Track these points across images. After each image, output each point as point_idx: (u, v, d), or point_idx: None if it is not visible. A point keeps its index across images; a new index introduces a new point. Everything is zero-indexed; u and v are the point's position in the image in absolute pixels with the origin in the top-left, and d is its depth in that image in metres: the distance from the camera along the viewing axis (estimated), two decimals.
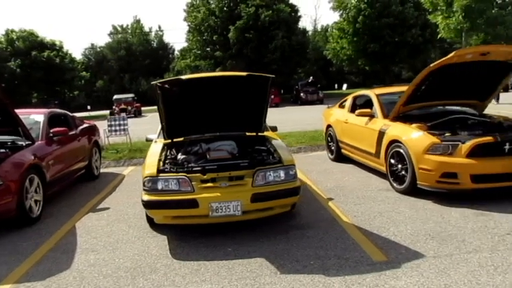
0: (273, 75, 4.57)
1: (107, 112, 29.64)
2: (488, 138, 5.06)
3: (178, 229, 4.65)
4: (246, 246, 4.15)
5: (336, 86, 42.20)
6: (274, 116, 20.33)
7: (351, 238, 4.22)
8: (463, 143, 5.08)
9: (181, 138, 5.26)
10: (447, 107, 6.68)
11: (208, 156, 4.61)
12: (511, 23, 17.56)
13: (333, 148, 8.33)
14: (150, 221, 4.77)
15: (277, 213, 4.54)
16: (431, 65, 5.50)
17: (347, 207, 5.23)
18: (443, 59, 5.39)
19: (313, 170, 7.55)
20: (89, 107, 34.80)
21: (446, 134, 5.34)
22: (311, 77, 31.92)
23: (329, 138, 8.57)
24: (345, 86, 21.28)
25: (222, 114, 5.20)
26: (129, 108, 28.65)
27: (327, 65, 51.51)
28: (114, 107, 29.91)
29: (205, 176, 4.26)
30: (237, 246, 4.16)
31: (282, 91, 38.85)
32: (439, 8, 16.53)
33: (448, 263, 3.55)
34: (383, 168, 6.19)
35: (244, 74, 4.50)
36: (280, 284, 3.37)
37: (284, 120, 17.43)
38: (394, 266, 3.54)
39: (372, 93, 7.20)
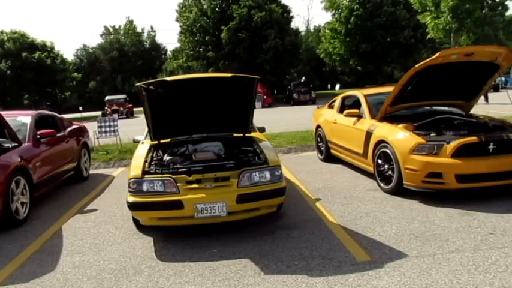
0: (258, 77, 4.58)
1: (99, 113, 29.48)
2: (472, 138, 5.10)
3: (165, 230, 4.65)
4: (231, 247, 4.16)
5: (329, 86, 42.36)
6: (267, 116, 20.38)
7: (336, 238, 4.24)
8: (448, 143, 5.12)
9: (168, 140, 5.26)
10: (434, 107, 6.73)
11: (194, 158, 4.62)
12: (499, 24, 17.76)
13: (322, 148, 8.37)
14: (136, 222, 4.76)
15: (264, 214, 4.55)
16: (417, 65, 5.54)
17: (334, 208, 5.25)
18: (428, 59, 5.44)
19: (303, 171, 7.58)
20: (80, 108, 34.61)
21: (432, 134, 5.38)
22: (303, 77, 31.95)
23: (318, 139, 8.59)
24: (337, 86, 21.39)
25: (209, 115, 5.20)
26: (121, 109, 28.52)
27: (320, 65, 51.68)
28: (106, 108, 29.78)
29: (190, 177, 4.26)
30: (222, 247, 4.16)
31: (275, 91, 38.92)
32: (428, 8, 16.66)
33: (431, 262, 3.58)
34: (370, 169, 6.23)
35: (229, 75, 4.51)
36: (263, 284, 3.38)
37: (276, 120, 17.47)
38: (377, 266, 3.57)
39: (359, 93, 7.24)
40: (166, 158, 4.77)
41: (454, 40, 16.50)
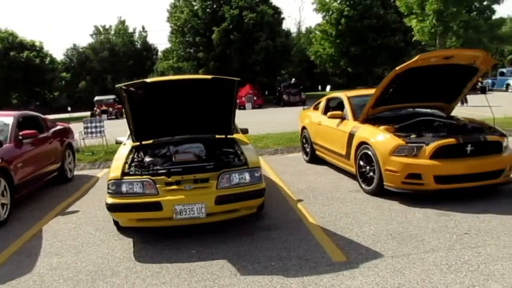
0: (239, 79, 4.61)
1: (89, 113, 29.29)
2: (450, 140, 5.18)
3: (145, 232, 4.65)
4: (210, 248, 4.18)
5: (320, 87, 42.50)
6: (256, 117, 20.43)
7: (315, 239, 4.28)
8: (427, 144, 5.19)
9: (150, 141, 5.27)
10: (417, 109, 6.81)
11: (174, 159, 4.63)
12: (482, 27, 18.01)
13: (307, 150, 8.41)
14: (117, 224, 4.76)
15: (244, 215, 4.57)
16: (397, 68, 5.61)
17: (315, 209, 5.29)
18: (408, 62, 5.51)
19: (287, 172, 7.62)
20: (69, 109, 34.32)
21: (412, 136, 5.44)
22: (293, 79, 32.06)
23: (304, 140, 8.64)
24: (328, 88, 21.49)
25: (191, 117, 5.21)
26: (111, 109, 28.35)
27: (311, 67, 51.82)
28: (95, 108, 29.59)
29: (170, 179, 4.28)
30: (201, 248, 4.18)
31: (267, 92, 38.97)
32: (413, 11, 16.84)
33: (405, 262, 3.63)
34: (353, 170, 6.28)
35: (209, 77, 4.53)
36: (239, 285, 3.40)
37: (265, 121, 17.51)
38: (353, 266, 3.61)
39: (343, 95, 7.29)
40: (147, 159, 4.78)
41: (439, 43, 16.69)
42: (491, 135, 5.42)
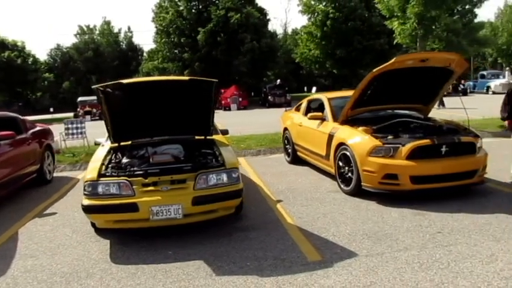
0: (216, 80, 4.63)
1: (72, 114, 28.93)
2: (426, 141, 5.28)
3: (122, 233, 4.63)
4: (187, 249, 4.18)
5: (306, 89, 42.71)
6: (241, 118, 20.47)
7: (291, 239, 4.32)
8: (403, 145, 5.28)
9: (129, 142, 5.25)
10: (395, 111, 6.90)
11: (151, 160, 4.63)
12: (461, 30, 18.35)
13: (289, 151, 8.47)
14: (94, 225, 4.73)
15: (222, 216, 4.59)
16: (374, 70, 5.70)
17: (294, 209, 5.34)
18: (385, 64, 5.59)
19: (268, 173, 7.66)
20: (51, 109, 33.79)
21: (389, 137, 5.53)
22: (278, 80, 32.16)
23: (286, 141, 8.70)
24: (314, 89, 21.58)
25: (169, 118, 5.21)
26: (94, 110, 28.02)
27: (298, 68, 52.02)
28: (78, 109, 29.23)
29: (146, 180, 4.27)
30: (178, 249, 4.18)
31: (253, 93, 38.99)
32: (395, 14, 17.08)
33: (378, 261, 3.69)
34: (332, 170, 6.35)
35: (186, 78, 4.55)
36: (214, 285, 3.42)
37: (249, 122, 17.55)
38: (327, 266, 3.66)
39: (323, 97, 7.37)
40: (124, 160, 4.77)
41: (420, 46, 16.94)
42: (466, 137, 5.55)
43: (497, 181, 6.11)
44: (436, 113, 10.21)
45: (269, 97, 28.79)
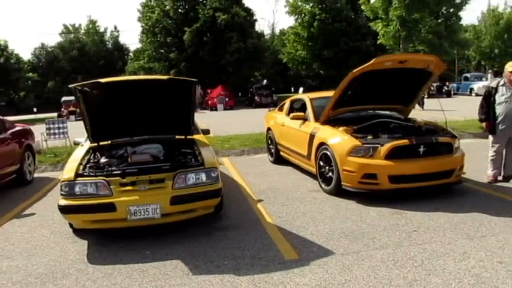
0: (196, 79, 4.63)
1: (56, 114, 28.55)
2: (404, 141, 5.35)
3: (100, 234, 4.60)
4: (165, 248, 4.18)
5: (293, 89, 42.85)
6: (227, 118, 20.46)
7: (269, 238, 4.34)
8: (382, 145, 5.35)
9: (108, 142, 5.21)
10: (377, 112, 6.98)
11: (129, 160, 4.61)
12: (443, 32, 18.68)
13: (272, 151, 8.50)
14: (72, 226, 4.69)
15: (201, 215, 4.59)
16: (354, 70, 5.76)
17: (274, 208, 5.37)
18: (365, 65, 5.66)
19: (251, 172, 7.67)
20: (35, 109, 33.27)
21: (369, 137, 5.59)
22: (265, 80, 32.21)
23: (269, 141, 8.73)
24: (301, 90, 21.50)
25: (150, 118, 5.19)
26: (79, 110, 27.66)
27: (285, 69, 52.14)
28: (62, 109, 28.85)
29: (124, 180, 4.26)
30: (156, 249, 4.18)
31: (240, 94, 38.96)
32: (379, 16, 17.28)
33: (354, 259, 3.74)
34: (314, 170, 6.40)
35: (165, 77, 4.54)
36: (190, 284, 3.43)
37: (235, 122, 17.57)
38: (303, 264, 3.69)
39: (306, 97, 7.42)
40: (103, 160, 4.74)
41: (403, 47, 17.19)
42: (443, 137, 5.64)
43: (475, 181, 6.22)
44: (419, 114, 10.38)
45: (256, 97, 28.82)
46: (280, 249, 4.02)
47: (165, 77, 4.56)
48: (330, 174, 5.84)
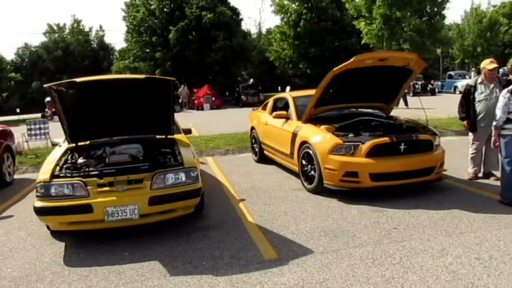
0: (174, 78, 4.58)
1: (39, 115, 28.11)
2: (385, 139, 5.37)
3: (80, 235, 4.53)
4: (144, 249, 4.12)
5: (280, 88, 42.90)
6: (213, 117, 20.36)
7: (250, 238, 4.32)
8: (363, 143, 5.36)
9: (87, 142, 5.13)
10: (359, 110, 7.00)
11: (107, 160, 4.54)
12: (425, 31, 18.92)
13: (256, 150, 8.47)
14: (49, 227, 4.60)
15: (181, 216, 4.54)
16: (335, 69, 5.76)
17: (256, 208, 5.34)
18: (345, 63, 5.66)
19: (235, 172, 7.64)
20: (18, 110, 32.71)
21: (350, 135, 5.60)
22: (251, 80, 32.16)
23: (253, 140, 8.70)
24: (288, 89, 21.52)
25: (129, 118, 5.12)
26: (55, 110, 27.23)
27: (272, 68, 52.18)
28: (46, 109, 28.41)
29: (102, 180, 4.19)
30: (134, 250, 4.12)
31: (227, 93, 38.85)
32: (362, 14, 17.40)
33: (333, 258, 3.73)
34: (297, 169, 6.39)
35: (142, 76, 4.48)
36: (167, 285, 3.38)
37: (221, 121, 17.50)
38: (282, 263, 3.67)
39: (288, 95, 7.41)
40: (80, 161, 4.66)
41: (387, 46, 17.33)
42: (423, 134, 5.67)
43: (456, 178, 6.28)
44: (403, 112, 10.47)
45: (242, 96, 28.75)
46: (260, 249, 4.00)
47: (142, 76, 4.50)
48: (312, 172, 5.84)
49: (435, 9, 22.52)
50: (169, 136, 5.30)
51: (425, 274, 3.34)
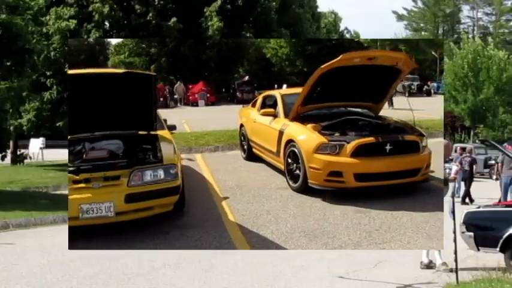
0: (155, 73, 4.49)
1: None
2: (370, 139, 5.30)
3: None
4: (116, 249, 4.03)
5: (276, 86, 42.77)
6: (207, 114, 20.26)
7: (228, 237, 4.24)
8: (348, 143, 5.28)
9: (68, 137, 5.03)
10: (348, 109, 6.92)
11: (84, 156, 4.44)
12: None
13: (245, 147, 8.38)
14: None
15: (159, 213, 4.45)
16: (322, 66, 5.67)
17: (238, 206, 5.26)
18: (332, 61, 5.58)
19: (222, 169, 7.55)
20: None
21: (336, 135, 5.52)
22: (247, 76, 32.04)
23: (242, 138, 8.61)
24: (284, 86, 21.51)
25: (111, 113, 5.01)
26: None
27: (269, 65, 52.05)
28: None
29: (77, 177, 4.09)
30: (108, 249, 4.03)
31: (224, 90, 38.68)
32: None
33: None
34: (283, 167, 6.30)
35: (121, 71, 4.38)
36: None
37: (214, 118, 17.32)
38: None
39: (277, 93, 7.33)
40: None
41: (381, 44, 17.30)
42: (410, 135, 5.60)
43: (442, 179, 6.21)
44: (394, 113, 10.40)
45: (237, 93, 28.61)
46: (238, 248, 3.92)
47: (121, 71, 4.40)
48: (298, 171, 5.76)
49: None
50: (151, 132, 5.20)
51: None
